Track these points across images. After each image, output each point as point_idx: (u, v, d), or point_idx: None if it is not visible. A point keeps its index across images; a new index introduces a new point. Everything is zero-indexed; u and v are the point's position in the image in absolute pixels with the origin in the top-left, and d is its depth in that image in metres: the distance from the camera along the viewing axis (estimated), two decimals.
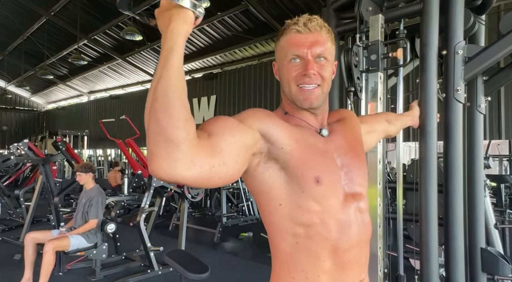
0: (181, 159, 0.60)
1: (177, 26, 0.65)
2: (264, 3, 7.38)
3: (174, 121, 0.60)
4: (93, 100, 15.65)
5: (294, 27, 0.85)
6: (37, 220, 6.13)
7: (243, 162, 0.74)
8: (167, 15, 0.67)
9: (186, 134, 0.61)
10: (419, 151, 1.53)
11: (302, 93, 0.85)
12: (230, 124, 0.73)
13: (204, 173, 0.64)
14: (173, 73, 0.63)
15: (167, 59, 0.63)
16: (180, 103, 0.62)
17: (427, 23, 1.46)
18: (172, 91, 0.61)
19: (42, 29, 10.63)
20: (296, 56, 0.85)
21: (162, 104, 0.61)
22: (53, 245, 3.13)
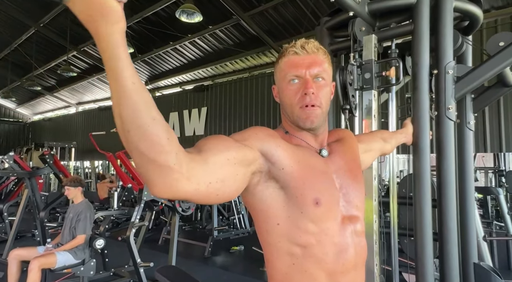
0: (177, 178, 0.60)
1: (108, 33, 0.54)
2: (255, 17, 7.50)
3: (157, 147, 0.57)
4: (81, 111, 15.43)
5: (292, 49, 0.88)
6: (21, 235, 5.93)
7: (242, 181, 0.75)
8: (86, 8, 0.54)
9: (174, 154, 0.59)
10: (413, 167, 1.55)
11: (304, 112, 0.86)
12: (227, 143, 0.74)
13: (202, 189, 0.64)
14: (131, 93, 0.55)
15: (117, 79, 0.55)
16: (155, 125, 0.57)
17: (419, 43, 1.51)
18: (141, 115, 0.55)
19: (31, 40, 10.51)
20: (295, 76, 0.87)
21: (137, 133, 0.56)
22: (39, 262, 3.03)
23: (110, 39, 0.54)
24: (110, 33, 0.54)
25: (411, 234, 2.04)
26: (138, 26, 8.54)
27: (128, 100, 0.55)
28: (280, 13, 7.23)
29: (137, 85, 0.56)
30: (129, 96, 0.55)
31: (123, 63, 0.55)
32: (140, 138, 0.56)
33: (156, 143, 0.57)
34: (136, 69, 0.58)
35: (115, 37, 0.55)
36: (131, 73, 0.56)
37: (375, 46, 1.58)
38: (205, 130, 9.70)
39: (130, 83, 0.55)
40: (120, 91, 0.55)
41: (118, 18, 0.55)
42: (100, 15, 0.54)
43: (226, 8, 7.17)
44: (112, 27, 0.54)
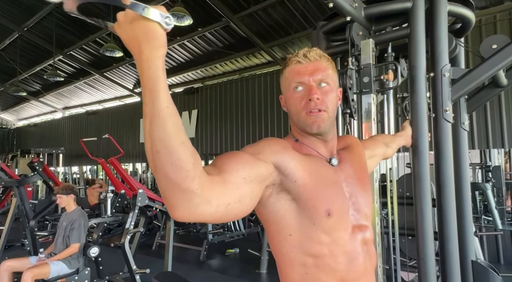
0: (199, 203, 0.61)
1: (151, 56, 0.56)
2: (244, 19, 7.50)
3: (183, 172, 0.58)
4: (68, 116, 15.15)
5: (295, 58, 0.90)
6: (9, 245, 5.78)
7: (257, 197, 0.75)
8: (132, 33, 0.57)
9: (197, 179, 0.60)
10: (413, 168, 1.58)
11: (309, 117, 0.87)
12: (244, 161, 0.74)
13: (220, 211, 0.65)
14: (164, 116, 0.56)
15: (154, 101, 0.56)
16: (183, 149, 0.57)
17: (416, 47, 1.54)
18: (171, 138, 0.57)
19: (14, 45, 10.26)
20: (299, 83, 0.88)
21: (166, 156, 0.57)
22: (32, 273, 2.96)
23: (152, 62, 0.56)
24: (153, 57, 0.56)
25: (410, 233, 2.07)
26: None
27: (161, 123, 0.56)
28: (269, 14, 7.25)
29: (171, 109, 0.58)
30: (163, 118, 0.56)
31: (161, 86, 0.57)
32: (168, 161, 0.57)
33: (183, 167, 0.57)
34: (124, 72, 0.58)
35: (158, 61, 0.57)
36: (167, 97, 0.57)
37: (373, 50, 1.60)
38: (196, 133, 9.65)
39: (165, 106, 0.57)
40: (155, 113, 0.56)
41: (162, 43, 0.57)
42: (146, 39, 0.56)
43: (215, 10, 7.15)
44: (156, 51, 0.57)
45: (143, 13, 0.54)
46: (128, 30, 0.57)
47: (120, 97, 12.68)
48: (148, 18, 0.55)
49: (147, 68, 0.57)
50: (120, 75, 11.22)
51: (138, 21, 0.56)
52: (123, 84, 11.59)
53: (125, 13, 0.57)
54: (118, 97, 12.77)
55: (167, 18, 0.56)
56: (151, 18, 0.55)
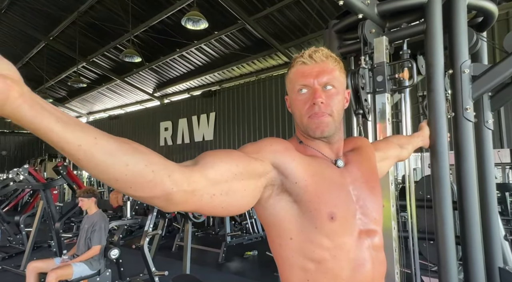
0: (182, 196, 0.60)
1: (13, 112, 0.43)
2: (260, 21, 7.50)
3: (146, 185, 0.54)
4: (92, 121, 15.67)
5: (300, 59, 0.86)
6: (37, 246, 6.01)
7: (252, 195, 0.73)
8: None
9: (167, 180, 0.57)
10: (432, 170, 1.51)
11: (313, 122, 0.84)
12: (234, 157, 0.72)
13: (205, 201, 0.64)
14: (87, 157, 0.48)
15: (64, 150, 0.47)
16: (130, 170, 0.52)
17: (432, 43, 1.47)
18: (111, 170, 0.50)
19: (41, 54, 10.74)
20: (303, 86, 0.85)
21: (121, 184, 0.53)
22: (56, 274, 3.05)
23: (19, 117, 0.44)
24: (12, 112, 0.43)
25: (431, 237, 1.98)
26: (145, 35, 8.64)
27: (88, 163, 0.49)
28: (285, 15, 7.21)
29: (85, 144, 0.47)
30: (85, 159, 0.48)
31: (53, 133, 0.45)
32: (125, 187, 0.54)
33: (143, 183, 0.54)
34: (144, 77, 0.54)
35: (21, 112, 0.43)
36: (70, 137, 0.46)
37: (387, 48, 1.54)
38: (214, 135, 9.73)
39: (76, 147, 0.47)
40: (72, 158, 0.48)
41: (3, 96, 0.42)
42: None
43: (231, 13, 7.19)
44: (9, 106, 0.43)
45: None
46: None
47: (141, 102, 12.99)
48: None
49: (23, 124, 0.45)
50: (140, 80, 11.49)
51: None
52: (143, 88, 11.86)
53: None
54: (138, 102, 13.08)
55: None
56: None
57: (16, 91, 0.42)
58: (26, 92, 0.44)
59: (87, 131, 0.48)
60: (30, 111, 0.43)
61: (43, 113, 0.44)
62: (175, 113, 10.84)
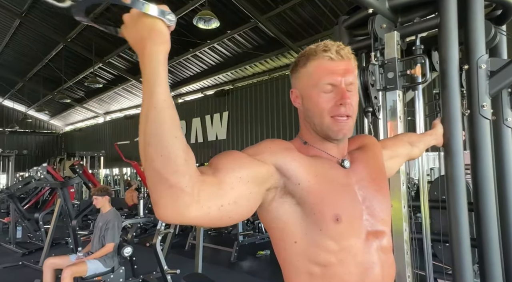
0: (187, 202, 0.58)
1: (154, 51, 0.59)
2: (273, 19, 7.46)
3: (173, 165, 0.56)
4: (108, 121, 15.99)
5: (327, 54, 0.81)
6: (56, 243, 6.18)
7: (256, 199, 0.71)
8: (137, 32, 0.60)
9: (188, 176, 0.58)
10: (445, 170, 1.45)
11: (336, 124, 0.81)
12: (240, 160, 0.70)
13: (213, 213, 0.62)
14: (161, 109, 0.57)
15: (152, 94, 0.57)
16: (176, 143, 0.57)
17: (446, 38, 1.41)
18: (165, 130, 0.57)
19: (60, 55, 11.03)
20: (330, 84, 0.80)
21: (157, 147, 0.56)
22: (71, 271, 3.12)
23: (155, 56, 0.59)
24: (156, 51, 0.59)
25: (446, 240, 1.91)
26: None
27: (156, 115, 0.57)
28: (298, 13, 7.15)
29: (168, 103, 0.58)
30: (159, 111, 0.57)
31: (160, 80, 0.58)
32: (158, 154, 0.56)
33: (172, 161, 0.56)
34: None
35: (160, 55, 0.59)
36: (165, 91, 0.58)
37: (398, 44, 1.49)
38: (227, 135, 9.76)
39: (162, 100, 0.57)
40: (151, 105, 0.57)
41: (165, 39, 0.60)
42: (149, 35, 0.59)
43: (243, 12, 7.18)
44: (158, 47, 0.59)
45: (143, 9, 0.57)
46: (134, 30, 0.60)
47: None
48: (149, 15, 0.58)
49: (148, 62, 0.58)
50: None
51: (142, 20, 0.59)
52: None
53: (129, 14, 0.61)
54: None
55: (169, 15, 0.60)
56: (152, 14, 0.58)
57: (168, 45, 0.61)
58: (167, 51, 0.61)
59: (172, 100, 0.60)
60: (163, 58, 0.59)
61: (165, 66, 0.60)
62: (188, 113, 10.93)
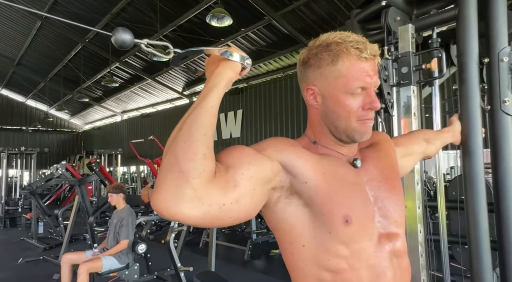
0: (187, 195, 0.55)
1: (222, 71, 0.68)
2: (287, 16, 7.39)
3: (191, 154, 0.58)
4: (126, 119, 16.30)
5: (362, 54, 0.74)
6: (75, 238, 6.35)
7: (260, 198, 0.67)
8: (215, 64, 0.70)
9: (201, 169, 0.58)
10: (463, 169, 1.38)
11: (364, 126, 0.77)
12: (248, 156, 0.67)
13: (213, 212, 0.59)
14: (205, 110, 0.63)
15: (204, 97, 0.65)
16: (202, 139, 0.60)
17: (465, 30, 1.33)
18: (199, 125, 0.61)
19: (79, 56, 11.30)
20: (362, 87, 0.75)
21: (184, 134, 0.60)
22: (87, 267, 3.18)
23: (221, 75, 0.68)
24: (224, 72, 0.69)
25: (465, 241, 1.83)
26: (173, 34, 8.81)
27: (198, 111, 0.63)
28: (312, 9, 7.05)
29: (213, 109, 0.65)
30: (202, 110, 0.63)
31: (217, 91, 0.66)
32: (183, 140, 0.60)
33: (193, 150, 0.59)
34: (174, 76, 0.60)
35: (225, 75, 0.68)
36: (215, 100, 0.66)
37: (413, 37, 1.42)
38: (241, 133, 9.76)
39: (210, 105, 0.65)
40: (199, 104, 0.64)
41: (235, 70, 0.71)
42: (225, 62, 0.70)
43: (257, 9, 7.14)
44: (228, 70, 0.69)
45: (230, 57, 0.69)
46: (215, 64, 0.71)
47: (171, 100, 13.30)
48: (234, 61, 0.70)
49: (214, 77, 0.68)
50: (170, 79, 11.76)
51: (224, 61, 0.70)
52: (173, 87, 12.14)
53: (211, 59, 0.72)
54: (169, 100, 13.41)
55: (247, 60, 0.71)
56: (234, 60, 0.70)
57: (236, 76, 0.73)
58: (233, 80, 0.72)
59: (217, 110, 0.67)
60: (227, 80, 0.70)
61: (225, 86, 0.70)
62: None
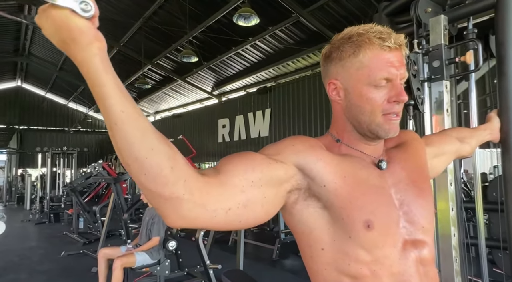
0: (190, 207, 0.55)
1: (85, 58, 0.49)
2: (315, 13, 7.26)
3: (160, 179, 0.52)
4: (158, 119, 16.83)
5: (385, 43, 0.70)
6: (111, 234, 6.66)
7: (274, 203, 0.65)
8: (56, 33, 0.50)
9: (181, 183, 0.53)
10: (503, 169, 1.28)
11: (388, 122, 0.72)
12: (254, 162, 0.64)
13: (220, 217, 0.58)
14: (122, 123, 0.50)
15: (105, 109, 0.50)
16: (154, 156, 0.51)
17: (504, 19, 1.24)
18: (136, 146, 0.51)
19: (114, 60, 11.82)
20: (386, 79, 0.71)
21: (137, 167, 0.52)
22: (121, 262, 3.32)
23: (89, 64, 0.49)
24: (87, 57, 0.49)
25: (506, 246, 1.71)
26: (202, 35, 8.96)
27: (120, 131, 0.50)
28: (342, 5, 6.88)
29: (127, 113, 0.50)
30: (120, 126, 0.50)
31: (108, 89, 0.49)
32: (140, 172, 0.52)
33: (158, 174, 0.52)
34: (203, 76, 0.52)
35: (93, 61, 0.49)
36: (119, 100, 0.50)
37: (446, 28, 1.34)
38: (269, 132, 9.74)
39: (119, 111, 0.50)
40: (111, 122, 0.50)
41: (90, 39, 0.49)
42: (72, 39, 0.49)
43: (284, 7, 7.08)
44: (88, 51, 0.49)
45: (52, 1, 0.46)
46: (52, 31, 0.50)
47: (201, 100, 13.56)
48: (57, 5, 0.47)
49: (86, 72, 0.50)
50: (199, 79, 11.99)
51: (54, 17, 0.48)
52: (202, 87, 12.36)
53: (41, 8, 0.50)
54: (198, 100, 13.68)
55: (82, 3, 0.47)
56: (60, 4, 0.46)
57: (99, 42, 0.50)
58: (104, 50, 0.50)
59: (133, 105, 0.52)
60: (99, 63, 0.49)
61: (107, 71, 0.50)
62: (232, 111, 11.10)
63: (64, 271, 4.73)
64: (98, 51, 0.49)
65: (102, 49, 0.50)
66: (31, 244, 6.50)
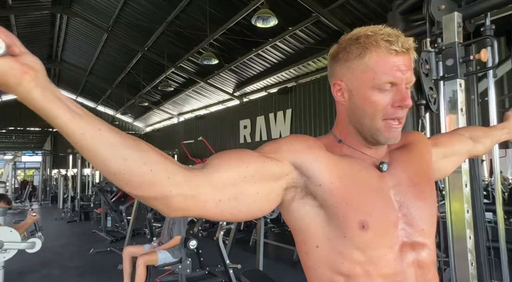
0: (180, 200, 0.58)
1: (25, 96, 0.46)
2: (335, 12, 7.17)
3: (144, 184, 0.54)
4: (182, 121, 17.18)
5: (392, 46, 0.69)
6: (137, 233, 6.89)
7: (267, 198, 0.67)
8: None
9: (165, 181, 0.55)
10: None
11: (388, 129, 0.72)
12: (245, 158, 0.66)
13: (209, 207, 0.61)
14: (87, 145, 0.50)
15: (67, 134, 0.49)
16: (129, 165, 0.52)
17: None
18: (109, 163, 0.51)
19: (139, 63, 12.23)
20: (391, 83, 0.70)
21: (118, 179, 0.53)
22: (144, 260, 3.44)
23: (31, 102, 0.46)
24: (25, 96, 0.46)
25: None
26: (223, 38, 9.08)
27: (88, 151, 0.51)
28: (363, 2, 6.76)
29: (89, 133, 0.49)
30: (86, 147, 0.50)
31: (61, 120, 0.48)
32: (122, 183, 0.54)
33: (139, 181, 0.54)
34: (224, 78, 0.50)
35: (33, 97, 0.46)
36: (76, 125, 0.49)
37: (460, 26, 1.31)
38: (290, 132, 9.70)
39: (79, 134, 0.49)
40: (75, 144, 0.50)
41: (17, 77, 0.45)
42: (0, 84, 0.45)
43: (304, 7, 7.05)
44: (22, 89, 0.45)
45: None
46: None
47: (223, 101, 13.71)
48: None
49: (34, 108, 0.47)
50: (221, 81, 12.14)
51: None
52: (224, 89, 12.51)
53: None
54: (220, 102, 13.84)
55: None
56: None
57: (29, 75, 0.45)
58: (41, 78, 0.46)
59: (92, 122, 0.50)
60: (41, 96, 0.46)
61: (53, 100, 0.47)
62: (253, 112, 11.16)
63: (92, 268, 4.95)
64: (33, 85, 0.46)
65: (36, 79, 0.46)
66: (63, 242, 6.84)
